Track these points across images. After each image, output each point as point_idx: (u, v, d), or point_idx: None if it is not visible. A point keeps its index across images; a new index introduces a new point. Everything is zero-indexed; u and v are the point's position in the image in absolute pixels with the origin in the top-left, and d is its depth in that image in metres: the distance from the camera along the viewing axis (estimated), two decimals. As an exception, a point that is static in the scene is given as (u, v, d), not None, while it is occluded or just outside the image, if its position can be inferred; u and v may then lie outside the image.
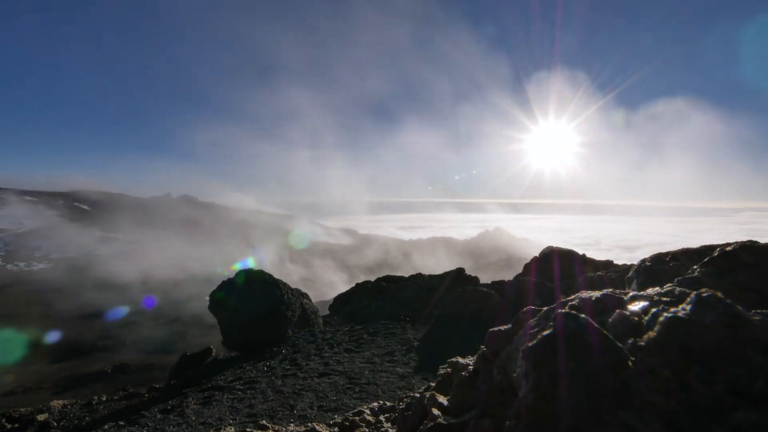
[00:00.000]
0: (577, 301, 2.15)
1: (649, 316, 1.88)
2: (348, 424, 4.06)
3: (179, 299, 59.05)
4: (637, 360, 1.72)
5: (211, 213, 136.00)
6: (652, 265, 3.13)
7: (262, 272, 11.66)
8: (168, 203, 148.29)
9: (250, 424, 5.52)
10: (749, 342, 1.62)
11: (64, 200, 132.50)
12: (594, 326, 1.81)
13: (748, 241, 2.56)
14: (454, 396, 2.46)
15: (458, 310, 11.11)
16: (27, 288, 60.59)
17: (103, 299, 56.97)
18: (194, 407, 6.65)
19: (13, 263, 79.60)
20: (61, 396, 14.75)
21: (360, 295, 17.14)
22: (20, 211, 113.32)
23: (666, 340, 1.71)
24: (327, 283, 79.91)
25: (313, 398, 6.54)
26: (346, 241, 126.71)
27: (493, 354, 2.41)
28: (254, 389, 7.21)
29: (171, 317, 45.82)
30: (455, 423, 2.24)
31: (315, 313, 12.94)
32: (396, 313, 13.56)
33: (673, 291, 2.02)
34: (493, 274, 31.75)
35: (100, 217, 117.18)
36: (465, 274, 17.01)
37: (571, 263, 13.43)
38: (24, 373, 28.12)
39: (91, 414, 7.57)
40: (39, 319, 46.83)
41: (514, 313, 2.48)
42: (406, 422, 2.73)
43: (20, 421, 7.58)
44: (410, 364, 8.20)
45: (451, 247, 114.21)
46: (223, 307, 10.96)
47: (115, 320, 46.25)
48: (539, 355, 1.80)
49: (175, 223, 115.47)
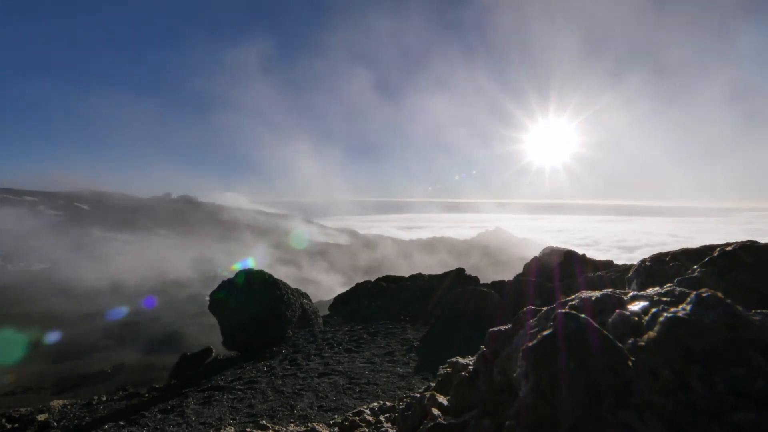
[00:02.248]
0: (577, 301, 2.15)
1: (649, 316, 1.88)
2: (348, 424, 4.06)
3: (179, 299, 59.06)
4: (637, 360, 1.72)
5: (211, 213, 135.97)
6: (652, 265, 3.13)
7: (262, 272, 11.66)
8: (168, 203, 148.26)
9: (250, 424, 5.52)
10: (749, 342, 1.62)
11: (64, 200, 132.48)
12: (594, 326, 1.81)
13: (748, 241, 2.55)
14: (454, 396, 2.46)
15: (458, 310, 11.11)
16: (27, 288, 60.59)
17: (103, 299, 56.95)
18: (194, 407, 6.65)
19: (13, 263, 79.60)
20: (61, 396, 14.75)
21: (360, 295, 17.13)
22: (20, 211, 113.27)
23: (666, 340, 1.71)
24: (326, 283, 79.94)
25: (313, 398, 6.54)
26: (346, 241, 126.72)
27: (493, 354, 2.41)
28: (254, 389, 7.21)
29: (171, 317, 45.84)
30: (455, 423, 2.24)
31: (315, 313, 12.94)
32: (396, 313, 13.56)
33: (673, 291, 2.02)
34: (493, 274, 31.77)
35: (99, 217, 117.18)
36: (465, 274, 17.01)
37: (571, 263, 13.43)
38: (24, 373, 28.13)
39: (91, 414, 7.57)
40: (39, 319, 46.84)
41: (514, 313, 2.48)
42: (406, 422, 2.73)
43: (20, 421, 7.58)
44: (410, 364, 8.20)
45: (451, 247, 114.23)
46: (223, 307, 10.96)
47: (115, 320, 46.27)
48: (539, 355, 1.80)
49: (175, 223, 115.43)
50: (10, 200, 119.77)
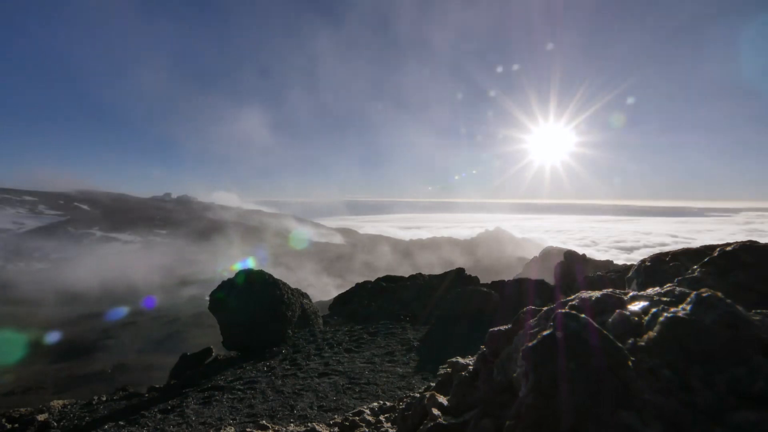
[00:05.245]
0: (577, 301, 2.15)
1: (649, 316, 1.88)
2: (348, 424, 4.06)
3: (179, 299, 59.08)
4: (637, 360, 1.72)
5: (211, 213, 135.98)
6: (652, 265, 3.13)
7: (262, 272, 11.65)
8: (167, 203, 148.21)
9: (250, 424, 5.52)
10: (749, 342, 1.62)
11: (64, 200, 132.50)
12: (594, 326, 1.81)
13: (748, 241, 2.55)
14: (454, 396, 2.46)
15: (458, 310, 11.12)
16: (27, 288, 60.60)
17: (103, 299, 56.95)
18: (194, 407, 6.65)
19: (13, 263, 79.60)
20: (61, 396, 14.74)
21: (360, 295, 17.14)
22: (20, 211, 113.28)
23: (666, 340, 1.71)
24: (326, 284, 79.97)
25: (313, 398, 6.54)
26: (346, 241, 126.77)
27: (493, 354, 2.41)
28: (254, 389, 7.21)
29: (171, 317, 45.83)
30: (455, 423, 2.24)
31: (315, 313, 12.94)
32: (396, 313, 13.57)
33: (673, 291, 2.02)
34: (493, 274, 31.78)
35: (99, 217, 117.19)
36: (465, 274, 17.02)
37: (571, 263, 13.44)
38: (24, 373, 28.14)
39: (91, 414, 7.56)
40: (39, 319, 46.86)
41: (514, 313, 2.48)
42: (406, 422, 2.73)
43: (20, 421, 7.57)
44: (410, 364, 8.20)
45: (451, 247, 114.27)
46: (223, 307, 10.95)
47: (115, 320, 46.28)
48: (539, 355, 1.80)
49: (175, 223, 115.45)
50: (10, 200, 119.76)
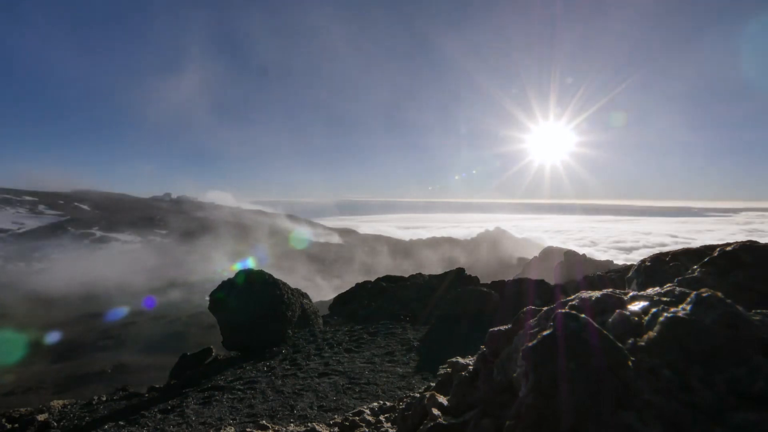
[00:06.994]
0: (577, 301, 2.15)
1: (649, 316, 1.88)
2: (348, 424, 4.06)
3: (179, 299, 59.07)
4: (637, 360, 1.72)
5: (211, 213, 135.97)
6: (652, 265, 3.13)
7: (262, 272, 11.65)
8: (167, 203, 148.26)
9: (250, 424, 5.51)
10: (749, 342, 1.62)
11: (64, 200, 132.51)
12: (594, 326, 1.81)
13: (748, 241, 2.55)
14: (454, 396, 2.46)
15: (458, 310, 11.12)
16: (27, 288, 60.59)
17: (103, 299, 56.92)
18: (194, 407, 6.65)
19: (13, 263, 79.59)
20: (61, 396, 14.75)
21: (360, 295, 17.14)
22: (20, 211, 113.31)
23: (666, 340, 1.71)
24: (325, 284, 79.99)
25: (313, 398, 6.53)
26: (345, 241, 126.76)
27: (493, 354, 2.41)
28: (254, 389, 7.21)
29: (171, 317, 45.85)
30: (455, 423, 2.24)
31: (315, 313, 12.94)
32: (396, 313, 13.56)
33: (673, 291, 2.02)
34: (493, 274, 31.77)
35: (99, 217, 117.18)
36: (465, 274, 17.02)
37: (571, 263, 13.43)
38: (24, 373, 28.14)
39: (91, 414, 7.56)
40: (39, 319, 46.86)
41: (514, 313, 2.48)
42: (406, 422, 2.73)
43: (20, 421, 7.57)
44: (410, 364, 8.20)
45: (451, 247, 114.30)
46: (223, 307, 10.95)
47: (115, 320, 46.29)
48: (539, 355, 1.80)
49: (175, 223, 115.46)
50: (10, 200, 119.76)
